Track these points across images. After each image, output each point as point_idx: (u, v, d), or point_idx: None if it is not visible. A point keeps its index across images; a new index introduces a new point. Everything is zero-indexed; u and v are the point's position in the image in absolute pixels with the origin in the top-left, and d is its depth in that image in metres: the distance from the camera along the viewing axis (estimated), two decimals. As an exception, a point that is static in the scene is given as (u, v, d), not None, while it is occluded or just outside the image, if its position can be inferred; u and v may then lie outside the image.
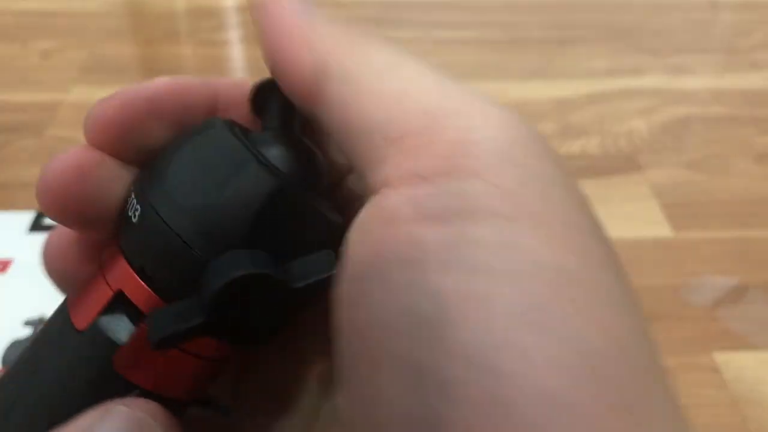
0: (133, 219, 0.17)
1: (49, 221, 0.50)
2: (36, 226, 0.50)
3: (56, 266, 0.19)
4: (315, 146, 0.19)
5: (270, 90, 0.19)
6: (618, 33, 0.78)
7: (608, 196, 0.57)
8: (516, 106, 0.73)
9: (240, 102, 0.19)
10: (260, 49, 0.17)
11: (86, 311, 0.17)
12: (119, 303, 0.17)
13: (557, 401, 0.13)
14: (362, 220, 0.16)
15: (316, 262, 0.16)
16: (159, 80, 0.18)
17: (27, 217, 0.50)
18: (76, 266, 0.19)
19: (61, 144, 0.62)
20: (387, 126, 0.16)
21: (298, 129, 0.19)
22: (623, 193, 0.58)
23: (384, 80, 0.16)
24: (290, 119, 0.19)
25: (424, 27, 0.79)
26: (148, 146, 0.18)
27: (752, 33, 0.78)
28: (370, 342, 0.14)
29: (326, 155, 0.20)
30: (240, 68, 0.75)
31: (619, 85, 0.69)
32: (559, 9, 0.82)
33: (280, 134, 0.18)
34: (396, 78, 0.16)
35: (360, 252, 0.15)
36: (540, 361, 0.13)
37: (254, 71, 0.74)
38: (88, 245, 0.19)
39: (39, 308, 0.44)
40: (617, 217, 0.55)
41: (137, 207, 0.17)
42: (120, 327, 0.17)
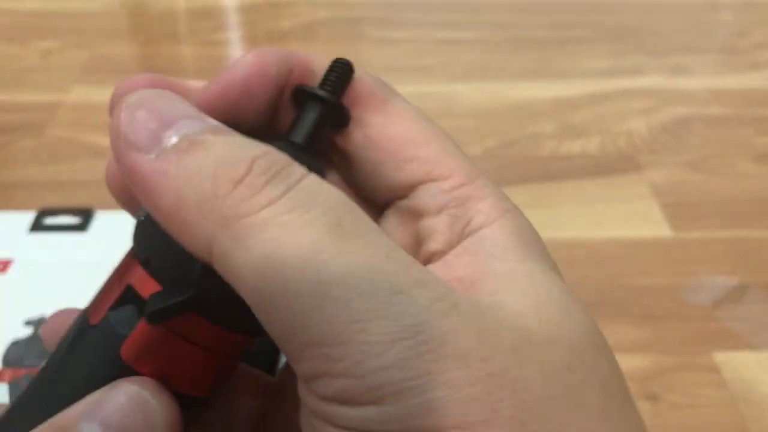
0: (141, 218, 0.18)
1: (50, 221, 0.50)
2: (36, 226, 0.50)
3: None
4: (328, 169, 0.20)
5: (314, 99, 0.20)
6: (618, 33, 0.78)
7: (608, 196, 0.57)
8: (516, 106, 0.73)
9: (307, 77, 0.20)
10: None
11: (100, 307, 0.18)
12: (128, 297, 0.18)
13: None
14: None
15: None
16: (246, 59, 0.19)
17: (27, 217, 0.51)
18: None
19: (62, 144, 0.62)
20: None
21: (317, 146, 0.20)
22: (623, 193, 0.58)
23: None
24: (317, 136, 0.19)
25: (425, 27, 0.79)
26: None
27: (752, 33, 0.78)
28: None
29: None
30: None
31: (619, 85, 0.70)
32: (559, 9, 0.82)
33: (302, 146, 0.19)
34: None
35: None
36: None
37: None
38: None
39: (39, 308, 0.44)
40: (617, 217, 0.55)
41: (143, 208, 0.18)
42: (127, 319, 0.18)
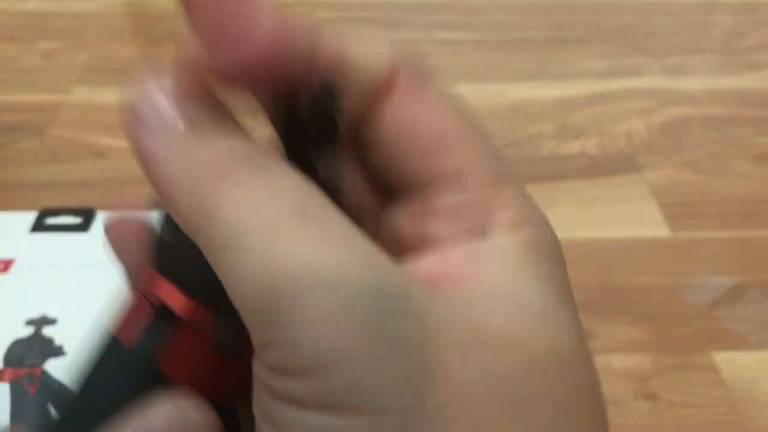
0: (165, 236, 0.19)
1: (51, 221, 0.50)
2: (37, 227, 0.50)
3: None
4: (336, 181, 0.20)
5: (330, 104, 0.19)
6: (617, 34, 0.78)
7: (607, 196, 0.57)
8: (516, 106, 0.73)
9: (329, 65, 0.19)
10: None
11: (131, 329, 0.19)
12: (160, 315, 0.18)
13: None
14: None
15: None
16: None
17: (28, 218, 0.51)
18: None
19: (63, 144, 0.62)
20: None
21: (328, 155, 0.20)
22: (622, 193, 0.58)
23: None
24: (330, 144, 0.19)
25: (425, 28, 0.79)
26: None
27: (750, 34, 0.78)
28: None
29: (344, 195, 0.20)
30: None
31: (618, 86, 0.70)
32: (559, 9, 0.82)
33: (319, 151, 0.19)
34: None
35: None
36: None
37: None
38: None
39: (40, 308, 0.44)
40: (616, 217, 0.56)
41: (166, 225, 0.19)
42: (163, 336, 0.18)
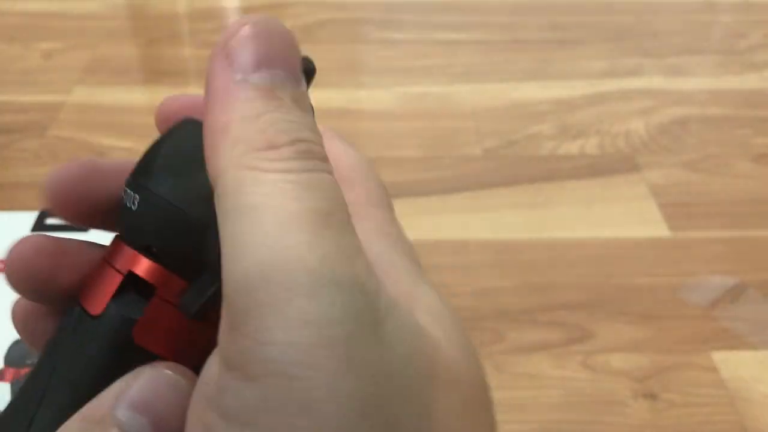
0: (133, 207, 0.19)
1: (51, 221, 0.51)
2: (38, 226, 0.50)
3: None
4: None
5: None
6: (617, 34, 0.78)
7: (606, 196, 0.57)
8: (516, 106, 0.73)
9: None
10: None
11: (99, 297, 0.19)
12: (129, 283, 0.19)
13: None
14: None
15: None
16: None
17: (29, 217, 0.51)
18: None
19: (63, 144, 0.62)
20: None
21: None
22: (621, 193, 0.58)
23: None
24: None
25: (425, 28, 0.79)
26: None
27: (750, 34, 0.78)
28: None
29: None
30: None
31: (618, 86, 0.70)
32: (559, 10, 0.82)
33: None
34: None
35: None
36: None
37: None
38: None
39: (41, 307, 0.44)
40: (615, 217, 0.56)
41: (135, 196, 0.19)
42: (134, 304, 0.18)
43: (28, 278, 0.20)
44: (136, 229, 0.19)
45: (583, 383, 0.44)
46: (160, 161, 0.19)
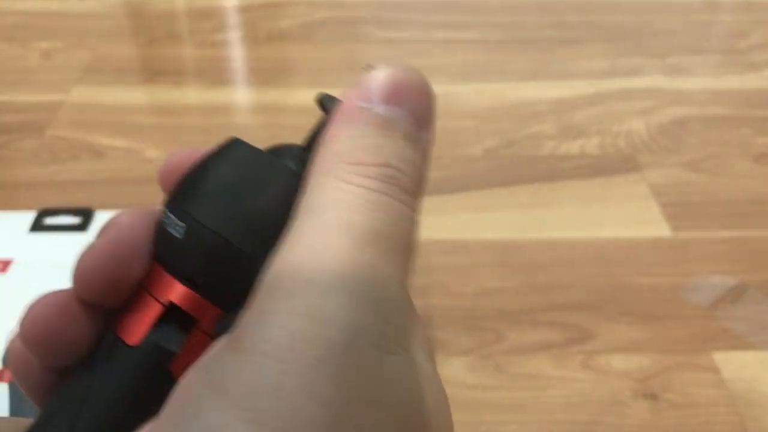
0: (177, 235, 0.18)
1: (50, 221, 0.50)
2: (36, 227, 0.50)
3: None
4: None
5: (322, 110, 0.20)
6: (617, 34, 0.78)
7: (607, 196, 0.57)
8: (516, 106, 0.73)
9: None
10: None
11: (137, 327, 0.18)
12: (169, 315, 0.18)
13: None
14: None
15: None
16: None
17: (28, 217, 0.51)
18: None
19: (62, 144, 0.62)
20: None
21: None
22: (622, 193, 0.58)
23: None
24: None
25: (425, 28, 0.79)
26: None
27: (750, 34, 0.78)
28: None
29: None
30: (240, 68, 0.75)
31: (618, 86, 0.70)
32: (559, 10, 0.82)
33: (301, 152, 0.19)
34: None
35: None
36: None
37: (254, 71, 0.74)
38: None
39: (40, 308, 0.44)
40: (616, 217, 0.56)
41: (179, 224, 0.18)
42: (172, 335, 0.18)
43: (46, 342, 0.19)
44: (180, 259, 0.18)
45: (584, 383, 0.44)
46: (207, 185, 0.18)
